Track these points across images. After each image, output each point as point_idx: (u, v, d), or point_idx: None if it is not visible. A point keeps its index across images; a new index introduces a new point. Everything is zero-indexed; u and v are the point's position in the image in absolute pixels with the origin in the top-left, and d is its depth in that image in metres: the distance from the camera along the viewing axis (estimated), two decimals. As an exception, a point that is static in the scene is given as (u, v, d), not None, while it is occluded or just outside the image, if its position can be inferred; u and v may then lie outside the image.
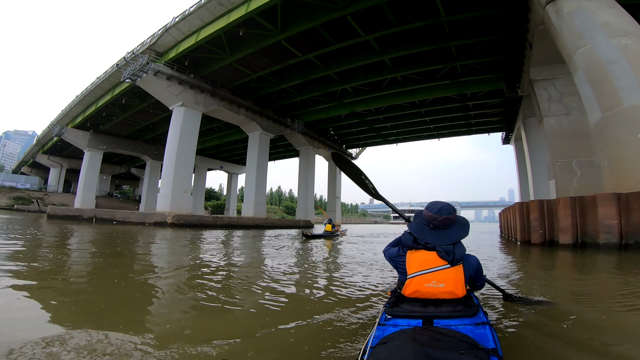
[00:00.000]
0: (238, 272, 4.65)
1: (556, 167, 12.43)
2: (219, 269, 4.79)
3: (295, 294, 3.34)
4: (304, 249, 8.33)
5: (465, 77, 21.60)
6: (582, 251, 7.11)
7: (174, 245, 8.51)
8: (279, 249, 7.96)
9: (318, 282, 4.01)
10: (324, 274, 4.67)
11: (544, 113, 14.55)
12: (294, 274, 4.52)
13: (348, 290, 3.42)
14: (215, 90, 22.49)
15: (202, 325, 2.21)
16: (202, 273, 4.34)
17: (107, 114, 30.25)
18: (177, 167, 19.88)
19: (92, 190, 33.63)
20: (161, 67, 19.82)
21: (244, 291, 3.36)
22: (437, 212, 1.66)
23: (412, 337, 1.21)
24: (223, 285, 3.70)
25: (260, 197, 24.94)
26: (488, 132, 33.01)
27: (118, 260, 5.45)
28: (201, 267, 4.87)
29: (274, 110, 27.22)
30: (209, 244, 8.88)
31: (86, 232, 11.56)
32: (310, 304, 2.96)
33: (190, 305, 2.78)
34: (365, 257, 6.51)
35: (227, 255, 6.88)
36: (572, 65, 10.41)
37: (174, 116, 20.95)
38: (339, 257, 6.88)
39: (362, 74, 22.14)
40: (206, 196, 60.47)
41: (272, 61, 20.65)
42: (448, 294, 1.53)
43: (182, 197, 19.82)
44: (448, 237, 1.61)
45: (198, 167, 42.32)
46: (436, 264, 1.56)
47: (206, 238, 10.73)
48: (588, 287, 3.82)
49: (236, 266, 5.31)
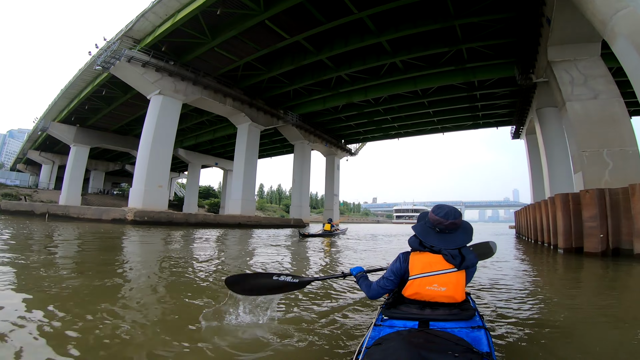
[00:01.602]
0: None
1: (583, 157, 10.44)
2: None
3: (288, 294, 3.02)
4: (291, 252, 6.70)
5: (472, 63, 19.55)
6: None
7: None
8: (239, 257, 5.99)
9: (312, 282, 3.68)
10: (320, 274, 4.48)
11: (567, 97, 12.77)
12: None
13: (345, 290, 3.41)
14: (198, 79, 20.73)
15: (186, 329, 2.11)
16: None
17: (91, 107, 28.70)
18: (152, 159, 18.29)
19: (77, 187, 32.26)
20: (135, 53, 18.23)
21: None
22: (443, 217, 1.63)
23: (407, 338, 1.22)
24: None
25: (249, 193, 23.18)
26: (496, 126, 30.80)
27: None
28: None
29: (266, 101, 25.38)
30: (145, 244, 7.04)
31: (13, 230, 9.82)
32: (304, 304, 2.85)
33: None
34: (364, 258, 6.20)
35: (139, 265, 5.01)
36: (609, 33, 8.78)
37: (151, 105, 19.34)
38: (336, 256, 6.56)
39: (358, 59, 20.18)
40: (204, 194, 59.01)
41: (258, 45, 18.79)
42: (447, 298, 1.52)
43: (156, 192, 18.21)
44: (453, 242, 1.60)
45: (192, 164, 40.84)
46: (440, 267, 1.55)
47: (153, 239, 8.92)
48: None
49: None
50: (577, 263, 5.91)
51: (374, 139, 35.91)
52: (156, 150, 18.48)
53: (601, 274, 4.97)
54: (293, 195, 29.98)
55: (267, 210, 61.87)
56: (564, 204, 7.19)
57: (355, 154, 37.77)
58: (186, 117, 30.58)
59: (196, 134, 35.18)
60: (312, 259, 6.45)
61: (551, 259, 6.85)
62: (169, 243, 8.37)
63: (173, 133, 19.73)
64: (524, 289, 3.72)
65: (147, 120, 19.21)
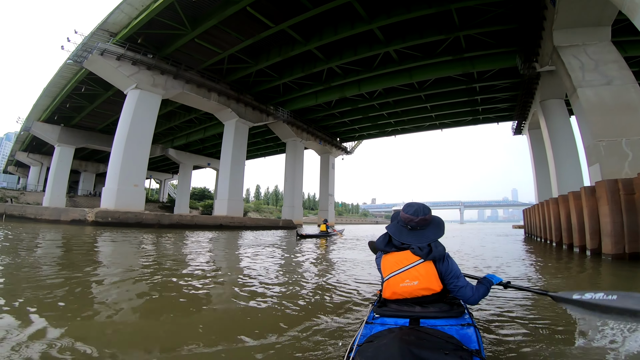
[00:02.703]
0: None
1: (600, 148, 9.21)
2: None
3: (283, 294, 3.24)
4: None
5: (471, 52, 18.31)
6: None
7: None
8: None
9: (307, 282, 3.92)
10: (314, 274, 4.51)
11: (577, 83, 11.74)
12: (281, 275, 4.35)
13: (337, 289, 3.44)
14: (180, 72, 19.51)
15: (185, 331, 2.12)
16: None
17: (73, 106, 27.53)
18: (126, 157, 17.10)
19: (62, 188, 31.08)
20: (108, 46, 17.13)
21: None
22: (413, 214, 1.66)
23: (398, 336, 1.21)
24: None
25: (236, 193, 21.92)
26: (497, 121, 29.50)
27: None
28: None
29: (254, 97, 24.14)
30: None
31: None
32: (299, 304, 2.85)
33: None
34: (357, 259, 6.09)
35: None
36: (628, 5, 7.48)
37: (127, 100, 18.21)
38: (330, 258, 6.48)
39: (349, 50, 18.93)
40: (200, 196, 57.77)
41: (242, 35, 17.57)
42: (424, 290, 1.53)
43: (131, 192, 16.99)
44: (425, 237, 1.62)
45: (183, 165, 39.63)
46: (406, 263, 1.57)
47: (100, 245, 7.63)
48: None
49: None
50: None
51: (369, 136, 34.59)
52: (131, 148, 17.26)
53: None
54: (285, 195, 28.67)
55: (263, 212, 60.63)
56: (612, 194, 5.73)
57: (351, 152, 36.45)
58: (174, 115, 29.43)
59: (186, 132, 33.96)
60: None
61: (604, 269, 5.24)
62: (96, 248, 7.07)
63: (151, 129, 18.48)
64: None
65: (123, 116, 18.03)
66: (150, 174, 52.65)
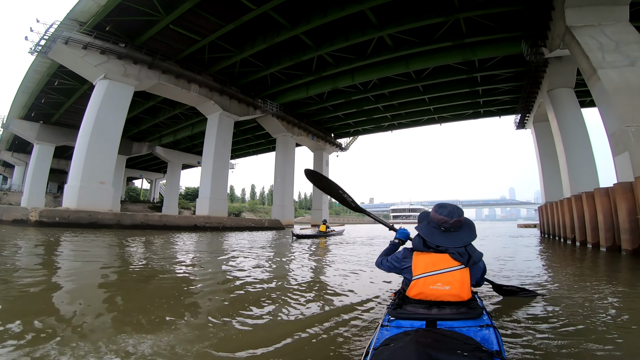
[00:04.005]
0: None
1: (629, 134, 7.78)
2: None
3: (291, 297, 3.11)
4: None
5: (472, 38, 16.84)
6: None
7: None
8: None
9: (318, 285, 3.86)
10: (319, 276, 4.49)
11: (598, 64, 10.59)
12: (289, 277, 4.29)
13: (351, 292, 3.35)
14: (155, 62, 17.98)
15: (195, 338, 1.98)
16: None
17: (50, 102, 26.02)
18: (91, 151, 15.65)
19: (41, 188, 29.61)
20: (73, 34, 15.77)
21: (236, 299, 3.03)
22: (447, 215, 1.62)
23: (415, 338, 1.18)
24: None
25: (219, 192, 20.39)
26: (499, 115, 27.99)
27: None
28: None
29: (240, 89, 22.60)
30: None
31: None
32: (309, 308, 2.79)
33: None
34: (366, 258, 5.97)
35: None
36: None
37: (95, 91, 16.76)
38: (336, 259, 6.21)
39: (340, 35, 17.40)
40: (194, 195, 56.13)
41: (221, 19, 16.03)
42: (453, 297, 1.51)
43: (97, 190, 15.53)
44: (460, 240, 1.59)
45: (171, 163, 38.05)
46: (443, 266, 1.54)
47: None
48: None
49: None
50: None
51: (365, 132, 33.01)
52: (97, 142, 15.76)
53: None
54: (275, 194, 27.11)
55: (258, 212, 59.12)
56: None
57: (346, 149, 34.90)
58: (158, 110, 27.87)
59: (173, 129, 32.37)
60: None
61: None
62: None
63: (120, 122, 16.95)
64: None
65: (89, 108, 16.53)
66: (141, 173, 51.17)
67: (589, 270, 5.07)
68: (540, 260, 6.65)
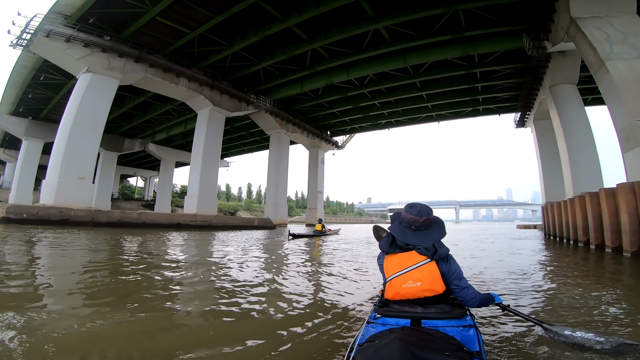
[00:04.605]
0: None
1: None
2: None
3: (283, 293, 3.17)
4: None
5: (471, 31, 16.19)
6: None
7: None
8: None
9: (308, 282, 3.82)
10: (311, 273, 4.47)
11: (605, 56, 10.12)
12: (279, 275, 4.24)
13: (341, 289, 3.35)
14: (142, 55, 17.34)
15: (189, 334, 2.05)
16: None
17: (37, 97, 25.31)
18: (71, 145, 15.07)
19: (29, 185, 28.87)
20: (54, 27, 15.32)
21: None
22: (417, 214, 1.64)
23: (399, 336, 1.18)
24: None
25: (208, 189, 19.72)
26: (498, 113, 27.36)
27: None
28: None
29: (232, 84, 21.90)
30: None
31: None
32: (297, 304, 2.79)
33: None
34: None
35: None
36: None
37: (77, 84, 16.21)
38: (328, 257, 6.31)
39: (335, 28, 16.72)
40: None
41: (210, 11, 15.35)
42: (427, 292, 1.52)
43: (76, 186, 14.91)
44: (430, 237, 1.61)
45: (165, 161, 37.37)
46: (410, 264, 1.55)
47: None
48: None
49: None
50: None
51: (361, 129, 32.34)
52: (77, 136, 15.16)
53: None
54: (268, 192, 26.43)
55: (254, 211, 58.50)
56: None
57: (342, 147, 34.21)
58: (150, 106, 27.16)
59: (166, 126, 31.61)
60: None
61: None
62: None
63: (103, 116, 16.31)
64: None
65: (70, 101, 15.95)
66: (135, 171, 50.46)
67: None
68: (569, 276, 4.65)
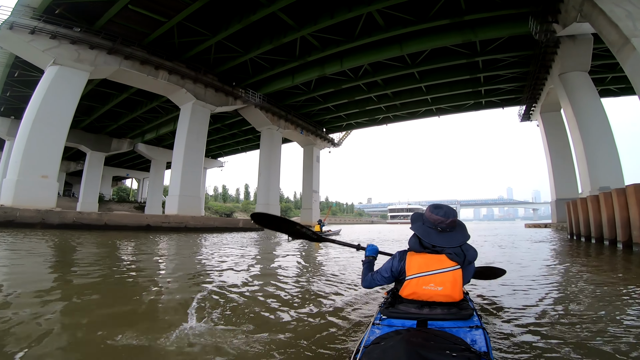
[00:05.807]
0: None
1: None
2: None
3: (288, 295, 3.16)
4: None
5: (472, 15, 14.92)
6: None
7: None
8: None
9: (311, 284, 3.77)
10: (318, 274, 4.50)
11: (630, 33, 9.11)
12: (284, 276, 4.28)
13: (344, 291, 3.33)
14: (116, 47, 16.14)
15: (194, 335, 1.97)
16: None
17: (15, 95, 24.12)
18: (32, 142, 13.92)
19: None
20: (17, 19, 14.31)
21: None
22: (444, 216, 1.59)
23: (405, 337, 1.17)
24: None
25: (190, 189, 18.40)
26: (502, 106, 26.02)
27: None
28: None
29: (218, 77, 20.61)
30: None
31: None
32: (301, 306, 2.78)
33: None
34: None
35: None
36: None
37: (43, 77, 15.07)
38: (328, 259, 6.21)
39: (325, 13, 15.40)
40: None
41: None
42: (445, 297, 1.50)
43: (37, 184, 13.76)
44: (456, 240, 1.56)
45: (155, 161, 36.03)
46: (437, 267, 1.51)
47: None
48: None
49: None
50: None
51: (358, 125, 30.95)
52: (40, 131, 14.02)
53: None
54: (259, 192, 25.08)
55: (251, 212, 57.22)
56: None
57: (338, 144, 32.84)
58: (136, 103, 25.85)
59: (155, 124, 30.31)
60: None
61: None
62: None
63: (70, 111, 15.11)
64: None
65: (34, 94, 14.85)
66: (128, 172, 49.22)
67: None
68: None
